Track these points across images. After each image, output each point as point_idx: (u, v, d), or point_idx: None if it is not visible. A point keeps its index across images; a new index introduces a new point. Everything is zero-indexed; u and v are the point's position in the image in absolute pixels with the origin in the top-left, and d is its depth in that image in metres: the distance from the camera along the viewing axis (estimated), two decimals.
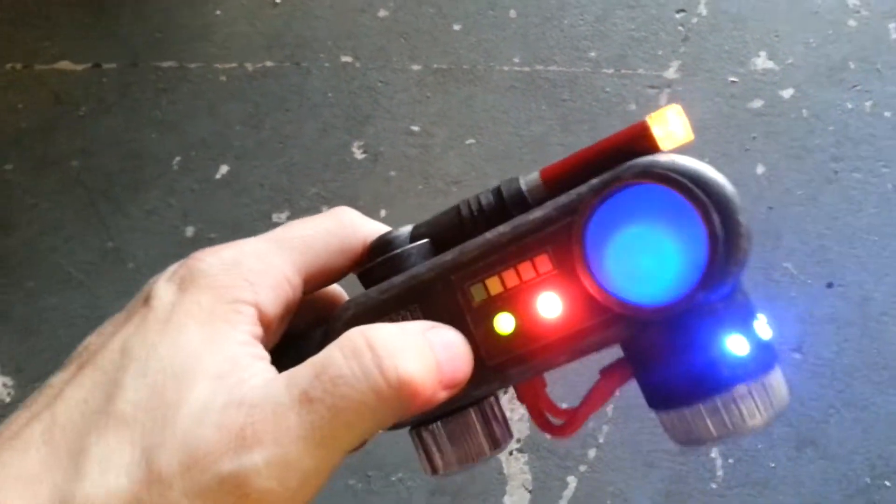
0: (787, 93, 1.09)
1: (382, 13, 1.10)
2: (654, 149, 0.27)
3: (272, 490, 0.23)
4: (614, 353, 0.29)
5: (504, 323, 0.27)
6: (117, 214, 0.98)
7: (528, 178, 0.29)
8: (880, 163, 1.05)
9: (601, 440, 0.92)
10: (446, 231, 0.30)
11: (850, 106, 1.07)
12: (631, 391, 0.29)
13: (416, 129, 1.01)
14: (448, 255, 0.29)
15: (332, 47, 1.07)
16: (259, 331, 0.27)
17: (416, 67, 1.06)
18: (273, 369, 0.25)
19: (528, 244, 0.27)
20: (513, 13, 1.09)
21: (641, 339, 0.27)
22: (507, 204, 0.29)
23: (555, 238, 0.27)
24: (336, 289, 0.35)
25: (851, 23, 1.11)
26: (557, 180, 0.29)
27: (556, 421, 0.31)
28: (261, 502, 0.23)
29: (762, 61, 1.12)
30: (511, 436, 0.31)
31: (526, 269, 0.27)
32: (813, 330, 0.98)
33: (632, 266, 0.26)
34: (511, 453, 0.89)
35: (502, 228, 0.28)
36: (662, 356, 0.27)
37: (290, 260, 0.29)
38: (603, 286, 0.26)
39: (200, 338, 0.25)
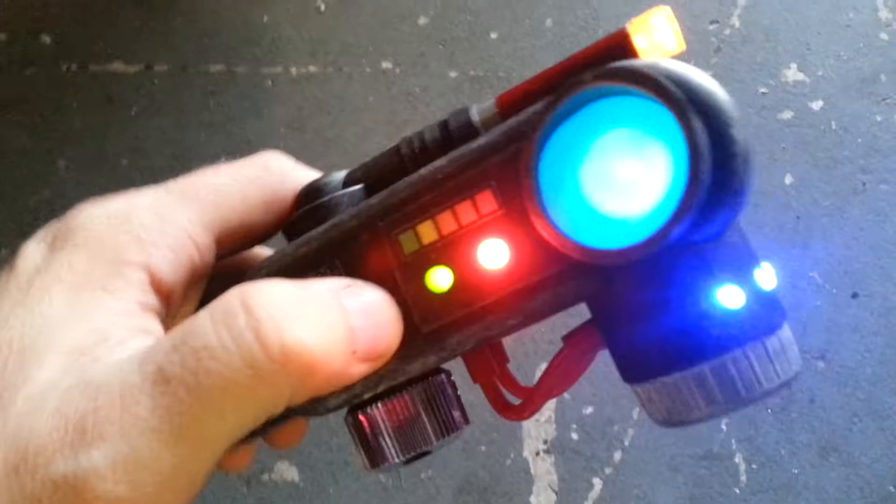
0: (816, 104, 1.11)
1: (422, 20, 1.13)
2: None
3: (121, 497, 0.17)
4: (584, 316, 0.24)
5: (440, 278, 0.22)
6: None
7: (481, 107, 0.24)
8: None
9: (626, 443, 0.94)
10: (384, 174, 0.25)
11: (879, 119, 1.09)
12: None
13: None
14: (375, 199, 0.23)
15: (373, 53, 1.11)
16: (151, 299, 0.22)
17: (453, 74, 1.09)
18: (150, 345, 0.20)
19: (469, 179, 0.22)
20: (549, 22, 1.11)
21: (610, 295, 0.22)
22: (454, 139, 0.23)
23: (500, 170, 0.21)
24: (264, 251, 0.28)
25: (883, 36, 1.12)
26: (517, 108, 0.23)
27: (516, 401, 0.26)
28: None
29: (793, 73, 1.14)
30: (466, 420, 0.26)
31: (465, 209, 0.22)
32: (837, 339, 1.00)
33: (596, 198, 0.21)
34: (538, 454, 0.92)
35: (439, 162, 0.23)
36: (635, 313, 0.21)
37: (196, 215, 0.23)
38: (558, 227, 0.20)
39: (65, 306, 0.20)
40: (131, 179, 1.03)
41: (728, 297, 0.20)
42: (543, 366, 0.27)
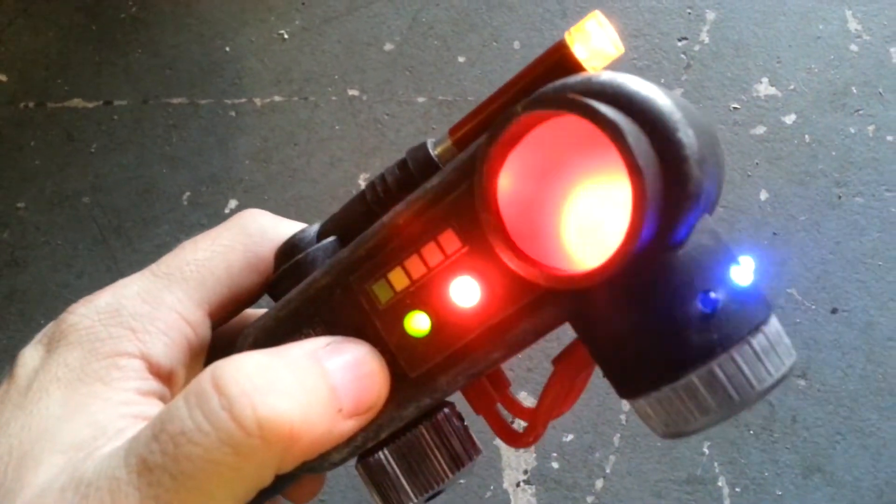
0: (789, 118, 1.10)
1: (388, 46, 1.11)
2: (580, 73, 0.21)
3: None
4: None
5: (419, 322, 0.22)
6: (128, 250, 0.99)
7: (437, 140, 0.24)
8: (883, 187, 1.06)
9: (608, 470, 0.92)
10: (353, 222, 0.25)
11: (852, 131, 1.08)
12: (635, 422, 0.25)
13: None
14: (344, 252, 0.23)
15: (339, 81, 1.09)
16: (151, 385, 0.22)
17: (421, 100, 1.07)
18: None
19: (429, 220, 0.22)
20: (517, 45, 1.10)
21: (589, 313, 0.21)
22: (416, 177, 0.23)
23: (458, 207, 0.21)
24: (254, 313, 0.29)
25: (853, 48, 1.12)
26: (472, 137, 0.23)
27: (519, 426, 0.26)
28: None
29: (764, 88, 1.13)
30: (478, 450, 0.26)
31: (431, 251, 0.22)
32: (818, 356, 0.98)
33: (553, 223, 0.21)
34: (518, 485, 0.90)
35: (399, 206, 0.23)
36: (616, 329, 0.21)
37: (184, 294, 0.24)
38: (523, 257, 0.20)
39: (62, 403, 0.21)
40: (93, 218, 1.00)
41: (705, 301, 0.20)
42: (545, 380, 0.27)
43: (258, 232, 0.26)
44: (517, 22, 1.11)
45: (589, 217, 0.21)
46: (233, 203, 1.02)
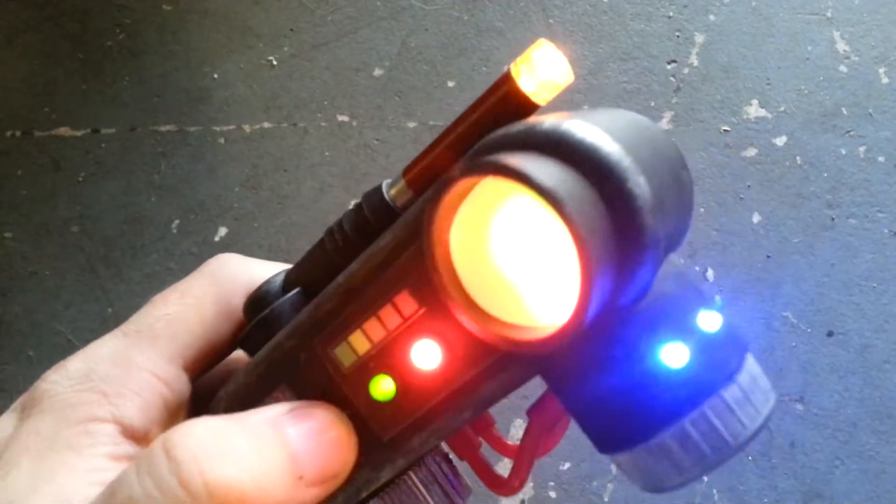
0: (780, 140, 1.10)
1: (378, 72, 1.11)
2: (529, 107, 0.20)
3: None
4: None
5: (383, 386, 0.21)
6: (116, 279, 0.98)
7: (392, 182, 0.23)
8: (875, 208, 1.05)
9: (606, 499, 0.91)
10: (316, 273, 0.24)
11: (843, 152, 1.08)
12: None
13: None
14: (304, 313, 0.23)
15: (328, 107, 1.08)
16: (126, 448, 0.22)
17: (411, 125, 1.07)
18: None
19: (385, 281, 0.21)
20: (506, 68, 1.10)
21: (555, 371, 0.21)
22: (372, 223, 0.23)
23: (411, 267, 0.20)
24: (238, 356, 0.28)
25: (842, 69, 1.12)
26: (426, 177, 0.22)
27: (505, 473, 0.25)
28: None
29: (755, 110, 1.13)
30: (468, 489, 0.25)
31: (388, 314, 0.21)
32: (815, 380, 0.97)
33: (510, 278, 0.20)
34: None
35: (353, 266, 0.22)
36: (584, 386, 0.20)
37: (156, 352, 0.24)
38: (479, 319, 0.19)
39: (31, 474, 0.20)
40: (81, 247, 0.99)
41: (671, 355, 0.19)
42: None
43: (228, 279, 0.25)
44: (506, 46, 1.11)
45: (546, 271, 0.19)
46: (223, 231, 1.01)
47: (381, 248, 0.21)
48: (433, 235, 0.19)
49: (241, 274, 0.26)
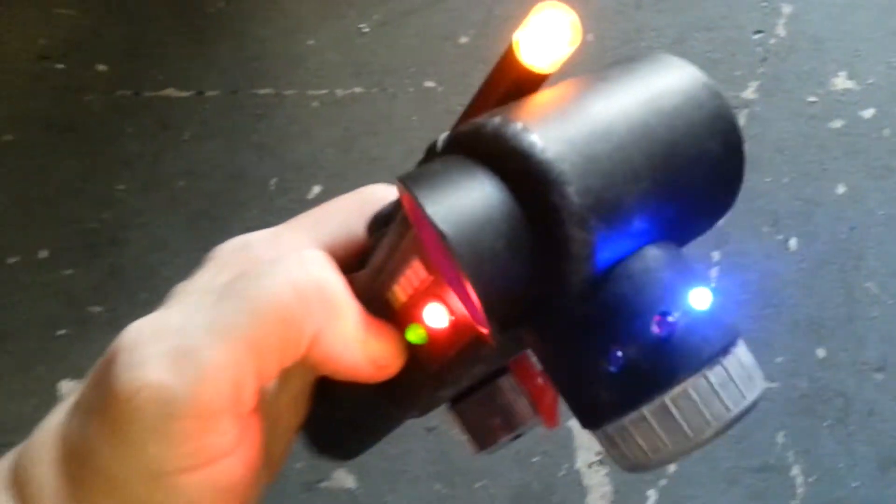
0: (867, 112, 1.09)
1: (463, 39, 1.14)
2: (535, 78, 0.20)
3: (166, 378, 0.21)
4: None
5: (417, 334, 0.23)
6: (219, 232, 1.04)
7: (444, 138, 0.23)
8: None
9: None
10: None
11: None
12: None
13: None
14: (374, 254, 0.25)
15: (416, 73, 1.12)
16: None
17: None
18: None
19: (404, 250, 0.22)
20: (591, 36, 1.12)
21: (542, 342, 0.21)
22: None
23: (418, 239, 0.21)
24: None
25: None
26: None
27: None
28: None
29: (842, 81, 1.12)
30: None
31: (409, 277, 0.22)
32: (894, 350, 0.97)
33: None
34: (591, 465, 0.91)
35: (392, 226, 0.24)
36: (568, 362, 0.20)
37: (304, 235, 0.27)
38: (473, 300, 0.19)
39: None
40: (187, 201, 1.05)
41: (662, 324, 0.19)
42: None
43: (371, 198, 0.28)
44: (591, 15, 1.13)
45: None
46: (317, 189, 1.06)
47: (402, 217, 0.22)
48: (419, 225, 0.20)
49: (386, 197, 0.28)
